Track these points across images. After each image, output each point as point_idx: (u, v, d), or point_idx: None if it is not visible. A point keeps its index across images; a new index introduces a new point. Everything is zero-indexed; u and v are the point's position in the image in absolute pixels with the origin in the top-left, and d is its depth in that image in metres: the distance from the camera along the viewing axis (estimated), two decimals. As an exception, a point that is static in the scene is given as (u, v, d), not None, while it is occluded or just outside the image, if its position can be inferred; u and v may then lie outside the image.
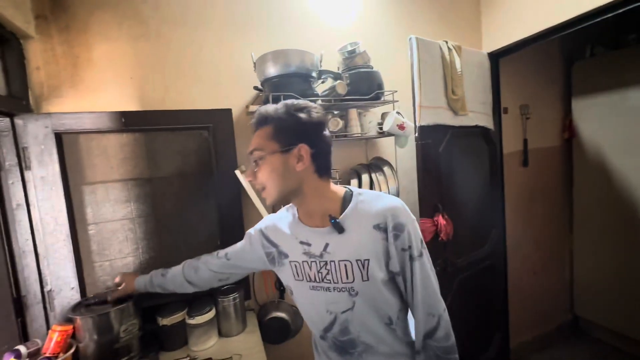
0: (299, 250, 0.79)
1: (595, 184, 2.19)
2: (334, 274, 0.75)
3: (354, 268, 0.73)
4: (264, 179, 0.74)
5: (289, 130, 0.72)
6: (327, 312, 0.78)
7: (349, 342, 0.78)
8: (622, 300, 2.10)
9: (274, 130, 0.73)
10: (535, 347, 2.27)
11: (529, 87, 2.17)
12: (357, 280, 0.73)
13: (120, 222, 1.30)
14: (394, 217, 0.72)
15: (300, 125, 0.73)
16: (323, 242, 0.76)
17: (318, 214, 0.78)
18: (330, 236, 0.76)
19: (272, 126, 0.73)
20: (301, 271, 0.79)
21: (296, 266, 0.80)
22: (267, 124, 0.74)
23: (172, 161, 1.35)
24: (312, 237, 0.78)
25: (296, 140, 0.72)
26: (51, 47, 1.20)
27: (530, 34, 1.66)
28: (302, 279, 0.79)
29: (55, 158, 1.17)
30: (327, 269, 0.75)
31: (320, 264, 0.76)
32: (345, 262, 0.73)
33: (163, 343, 1.19)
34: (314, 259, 0.77)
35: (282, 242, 0.84)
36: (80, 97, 1.24)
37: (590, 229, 2.27)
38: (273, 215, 0.92)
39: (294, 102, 0.75)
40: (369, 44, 1.52)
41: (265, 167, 0.73)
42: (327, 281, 0.76)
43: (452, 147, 1.65)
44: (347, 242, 0.74)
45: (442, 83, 1.60)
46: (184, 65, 1.36)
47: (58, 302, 1.19)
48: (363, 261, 0.72)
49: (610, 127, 2.08)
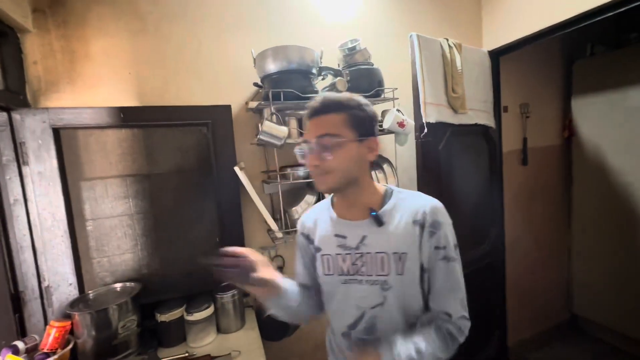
0: (334, 243, 0.80)
1: (595, 183, 2.19)
2: (368, 265, 0.76)
3: (391, 260, 0.74)
4: (334, 164, 0.72)
5: (365, 122, 0.75)
6: (356, 308, 0.78)
7: (374, 342, 0.77)
8: (620, 299, 2.10)
9: (350, 118, 0.73)
10: (534, 345, 2.27)
11: (529, 86, 2.17)
12: (392, 274, 0.74)
13: (118, 218, 1.30)
14: (432, 215, 0.74)
15: (372, 119, 0.77)
16: (360, 235, 0.77)
17: (359, 207, 0.79)
18: (368, 229, 0.77)
19: (347, 115, 0.73)
20: (333, 265, 0.80)
21: (328, 260, 0.80)
22: (339, 111, 0.73)
23: (170, 157, 1.35)
24: (348, 229, 0.79)
25: (370, 132, 0.75)
26: (49, 41, 1.19)
27: (531, 32, 1.65)
28: (333, 273, 0.80)
29: (53, 153, 1.16)
30: (363, 260, 0.76)
31: (355, 256, 0.77)
32: (382, 254, 0.75)
33: (161, 339, 1.19)
34: (349, 252, 0.78)
35: (317, 237, 0.84)
36: (78, 92, 1.23)
37: (589, 227, 2.27)
38: (306, 213, 0.92)
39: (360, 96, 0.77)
40: (369, 41, 1.52)
41: (340, 153, 0.72)
42: (361, 274, 0.77)
43: (451, 145, 1.65)
44: (385, 235, 0.75)
45: (442, 81, 1.59)
46: (183, 60, 1.35)
47: (56, 298, 1.19)
48: (400, 254, 0.74)
49: (609, 127, 2.08)
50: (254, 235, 1.49)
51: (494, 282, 1.99)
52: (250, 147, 1.46)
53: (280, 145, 1.22)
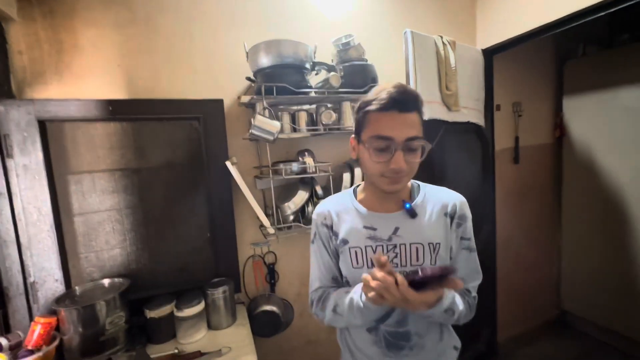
0: (363, 235, 0.78)
1: (584, 182, 2.22)
2: (403, 256, 0.76)
3: (425, 251, 0.75)
4: (414, 167, 0.72)
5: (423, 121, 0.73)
6: None
7: (404, 335, 0.78)
8: (609, 295, 2.14)
9: (421, 119, 0.72)
10: (523, 342, 2.31)
11: (522, 85, 2.19)
12: (426, 263, 0.75)
13: (107, 213, 1.27)
14: (460, 208, 0.79)
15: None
16: (392, 226, 0.77)
17: (393, 200, 0.79)
18: (401, 220, 0.78)
19: (419, 115, 0.71)
20: (362, 257, 0.78)
21: (357, 252, 0.78)
22: (414, 110, 0.70)
23: (161, 152, 1.32)
24: (378, 221, 0.79)
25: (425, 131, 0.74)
26: (34, 31, 1.16)
27: (524, 31, 1.66)
28: (362, 265, 0.77)
29: (39, 146, 1.13)
30: (396, 252, 0.76)
31: (388, 247, 0.76)
32: (417, 244, 0.75)
33: (151, 336, 1.17)
34: (380, 243, 0.77)
35: (343, 229, 0.81)
36: (65, 84, 1.20)
37: (578, 225, 2.31)
38: (324, 205, 0.87)
39: None
40: (363, 37, 1.51)
41: (419, 156, 0.71)
42: (394, 264, 0.76)
43: (444, 142, 1.65)
44: (418, 226, 0.77)
45: (436, 78, 1.59)
46: (174, 53, 1.33)
47: (42, 293, 1.16)
48: (435, 244, 0.76)
49: (600, 126, 2.11)
50: (246, 231, 1.48)
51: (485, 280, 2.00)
52: (242, 142, 1.44)
53: (272, 140, 1.20)
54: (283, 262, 1.56)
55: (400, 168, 0.68)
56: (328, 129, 1.37)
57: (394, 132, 0.68)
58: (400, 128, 0.68)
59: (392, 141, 0.68)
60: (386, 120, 0.68)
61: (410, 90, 0.70)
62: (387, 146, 0.68)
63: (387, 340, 0.78)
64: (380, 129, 0.69)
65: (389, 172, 0.70)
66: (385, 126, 0.68)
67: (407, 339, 0.78)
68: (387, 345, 0.79)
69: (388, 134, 0.68)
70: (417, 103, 0.70)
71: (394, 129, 0.68)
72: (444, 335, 0.83)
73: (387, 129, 0.68)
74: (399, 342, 0.78)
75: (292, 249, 1.56)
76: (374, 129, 0.70)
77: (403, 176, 0.71)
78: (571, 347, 2.26)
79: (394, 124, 0.68)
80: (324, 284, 0.85)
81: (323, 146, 1.57)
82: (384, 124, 0.68)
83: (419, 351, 0.79)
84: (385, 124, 0.68)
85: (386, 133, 0.68)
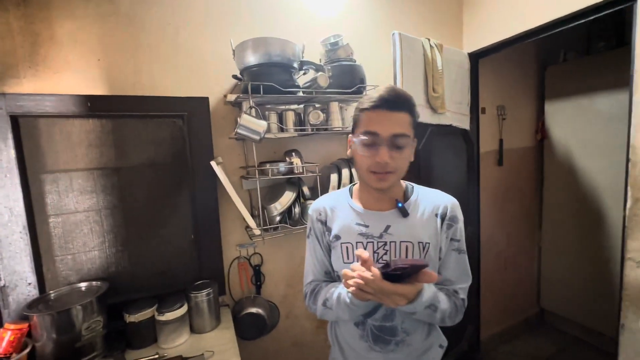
0: (355, 232, 0.81)
1: (564, 183, 2.30)
2: (392, 254, 0.78)
3: (415, 249, 0.77)
4: (401, 164, 0.75)
5: (416, 124, 0.77)
6: None
7: (390, 330, 0.80)
8: (585, 293, 2.23)
9: (412, 120, 0.74)
10: (503, 339, 2.37)
11: (506, 89, 2.24)
12: None
13: (84, 213, 1.22)
14: (452, 210, 0.81)
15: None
16: (384, 224, 0.80)
17: (386, 199, 0.82)
18: (392, 219, 0.80)
19: (410, 115, 0.74)
20: (353, 252, 0.80)
21: (347, 248, 0.81)
22: (408, 111, 0.74)
23: (142, 150, 1.28)
24: (370, 219, 0.81)
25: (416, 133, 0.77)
26: (6, 20, 1.09)
27: (508, 35, 1.70)
28: (353, 260, 0.80)
29: (11, 143, 1.07)
30: (386, 249, 0.78)
31: (378, 244, 0.79)
32: (407, 243, 0.78)
33: (130, 341, 1.13)
34: (371, 240, 0.79)
35: (336, 225, 0.84)
36: (40, 78, 1.14)
37: (557, 226, 2.39)
38: (320, 201, 0.90)
39: None
40: (352, 38, 1.51)
41: (406, 154, 0.75)
42: (383, 262, 0.76)
43: (430, 144, 1.67)
44: (409, 225, 0.79)
45: (422, 80, 1.61)
46: (157, 48, 1.28)
47: (13, 298, 1.10)
48: (424, 244, 0.78)
49: (578, 130, 2.19)
50: (231, 233, 1.45)
51: (468, 279, 2.05)
52: (228, 142, 1.42)
53: (259, 139, 1.18)
54: (269, 264, 1.54)
55: (384, 162, 0.71)
56: (316, 129, 1.36)
57: (380, 128, 0.72)
58: (387, 124, 0.72)
59: (378, 136, 0.72)
60: (375, 117, 0.73)
61: (402, 92, 0.74)
62: (374, 141, 0.72)
63: (374, 334, 0.80)
64: (369, 125, 0.73)
65: (375, 166, 0.73)
66: (373, 122, 0.73)
67: (394, 334, 0.80)
68: (373, 340, 0.81)
69: (374, 129, 0.72)
70: (408, 104, 0.74)
71: (380, 124, 0.72)
72: (431, 333, 0.85)
73: (374, 124, 0.72)
74: (386, 336, 0.80)
75: (278, 250, 1.54)
76: (364, 125, 0.74)
77: (390, 173, 0.74)
78: (548, 343, 2.34)
79: (381, 120, 0.72)
80: (317, 278, 0.89)
81: (310, 146, 1.56)
82: (373, 121, 0.73)
83: (405, 347, 0.81)
84: (374, 121, 0.73)
85: (373, 128, 0.72)
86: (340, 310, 0.76)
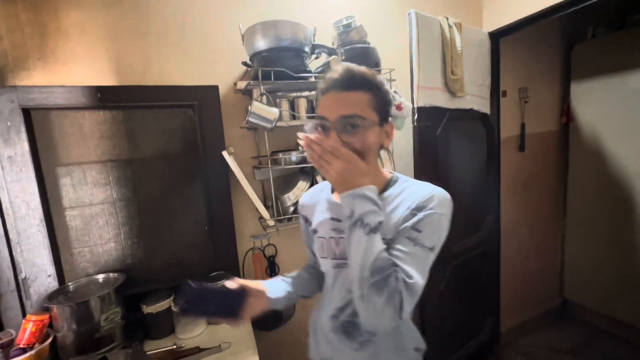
0: (329, 226, 0.78)
1: (591, 169, 2.17)
2: None
3: None
4: (358, 148, 0.65)
5: (386, 104, 0.69)
6: (347, 291, 0.76)
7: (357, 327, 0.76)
8: (612, 283, 2.13)
9: (374, 99, 0.67)
10: (524, 331, 2.30)
11: (528, 70, 2.11)
12: None
13: (99, 206, 1.22)
14: (425, 200, 0.67)
15: (391, 102, 0.72)
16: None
17: None
18: None
19: (371, 95, 0.66)
20: (327, 248, 0.78)
21: (322, 243, 0.79)
22: (365, 90, 0.66)
23: (154, 141, 1.26)
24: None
25: (388, 116, 0.70)
26: (15, 12, 1.08)
27: (532, 12, 1.58)
28: (327, 256, 0.79)
29: (24, 136, 1.07)
30: None
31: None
32: None
33: (148, 331, 1.14)
34: (342, 235, 0.75)
35: (314, 219, 0.83)
36: (50, 70, 1.13)
37: (583, 214, 2.27)
38: (307, 193, 0.93)
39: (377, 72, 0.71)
40: (365, 19, 1.43)
41: (364, 138, 0.66)
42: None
43: (449, 130, 1.59)
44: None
45: (440, 62, 1.52)
46: (165, 36, 1.25)
47: (34, 290, 1.12)
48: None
49: (608, 112, 2.05)
50: (245, 224, 1.44)
51: (488, 270, 1.98)
52: (239, 131, 1.38)
53: (270, 128, 1.15)
54: (283, 255, 1.52)
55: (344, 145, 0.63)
56: (329, 116, 1.31)
57: (328, 111, 0.66)
58: (335, 106, 0.65)
59: (326, 120, 0.66)
60: (325, 101, 0.67)
61: (357, 70, 0.67)
62: (324, 126, 0.66)
63: (345, 328, 0.77)
64: (320, 109, 0.68)
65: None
66: (323, 106, 0.67)
67: (359, 333, 0.76)
68: (344, 333, 0.78)
69: (323, 113, 0.66)
70: (366, 82, 0.66)
71: (328, 107, 0.66)
72: (402, 333, 0.79)
73: (323, 108, 0.67)
74: (354, 331, 0.77)
75: (292, 240, 1.52)
76: (317, 109, 0.69)
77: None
78: (571, 335, 2.25)
79: (330, 102, 0.66)
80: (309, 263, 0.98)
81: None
82: (323, 105, 0.68)
83: (370, 347, 0.77)
84: (324, 104, 0.67)
85: (322, 113, 0.67)
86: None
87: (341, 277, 0.77)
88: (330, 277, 0.81)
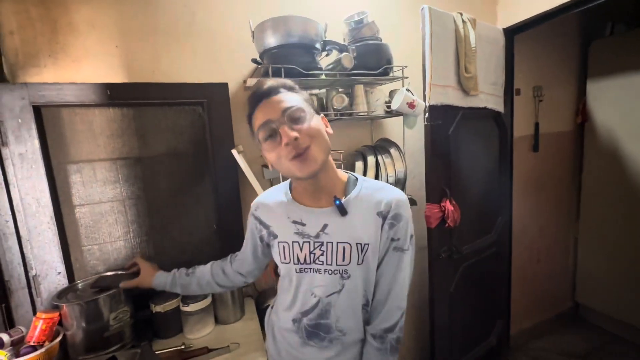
0: (291, 230, 0.77)
1: (606, 171, 2.11)
2: (329, 255, 0.74)
3: (352, 251, 0.73)
4: (313, 134, 0.69)
5: (307, 99, 0.75)
6: (312, 295, 0.76)
7: (325, 327, 0.76)
8: (626, 287, 2.07)
9: (298, 96, 0.73)
10: (535, 334, 2.26)
11: (543, 68, 2.06)
12: (353, 263, 0.73)
13: (109, 203, 1.22)
14: (396, 208, 0.74)
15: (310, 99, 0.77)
16: (321, 223, 0.75)
17: (323, 194, 0.76)
18: (330, 217, 0.75)
19: (294, 92, 0.73)
20: (289, 252, 0.78)
21: (284, 247, 0.78)
22: (285, 90, 0.73)
23: (163, 139, 1.25)
24: (308, 217, 0.77)
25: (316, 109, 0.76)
26: (25, 8, 1.08)
27: (549, 7, 1.53)
28: (289, 261, 0.78)
29: (35, 133, 1.07)
30: (322, 250, 0.75)
31: (314, 245, 0.75)
32: (344, 244, 0.73)
33: (157, 331, 1.13)
34: (307, 240, 0.75)
35: (273, 222, 0.82)
36: (60, 67, 1.13)
37: (596, 216, 2.21)
38: (261, 195, 0.90)
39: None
40: (377, 15, 1.40)
41: (310, 123, 0.70)
42: (319, 262, 0.75)
43: (461, 129, 1.56)
44: (348, 224, 0.74)
45: (454, 59, 1.48)
46: (175, 33, 1.24)
47: (44, 287, 1.12)
48: (363, 245, 0.73)
49: (625, 112, 1.99)
50: (254, 223, 1.42)
51: (499, 272, 1.94)
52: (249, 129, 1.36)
53: (281, 126, 1.12)
54: (292, 254, 1.50)
55: (293, 138, 0.66)
56: (340, 114, 1.29)
57: (269, 113, 0.69)
58: (274, 107, 0.69)
59: (272, 121, 0.68)
60: (259, 112, 0.71)
61: (271, 80, 0.73)
62: (272, 129, 0.69)
63: (308, 331, 0.78)
64: (259, 119, 0.71)
65: (289, 151, 0.67)
66: (261, 116, 0.70)
67: (328, 332, 0.76)
68: (307, 335, 0.78)
69: (265, 118, 0.69)
70: (282, 85, 0.73)
71: (268, 111, 0.69)
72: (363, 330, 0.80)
73: (262, 116, 0.70)
74: (321, 332, 0.76)
75: (301, 240, 1.50)
76: (256, 125, 0.72)
77: (308, 148, 0.68)
78: (583, 339, 2.21)
79: (268, 106, 0.70)
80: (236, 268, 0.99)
81: (334, 133, 1.47)
82: (259, 114, 0.71)
83: (339, 345, 0.77)
84: (260, 114, 0.70)
85: (263, 119, 0.69)
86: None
87: (306, 280, 0.77)
88: (293, 282, 0.79)
